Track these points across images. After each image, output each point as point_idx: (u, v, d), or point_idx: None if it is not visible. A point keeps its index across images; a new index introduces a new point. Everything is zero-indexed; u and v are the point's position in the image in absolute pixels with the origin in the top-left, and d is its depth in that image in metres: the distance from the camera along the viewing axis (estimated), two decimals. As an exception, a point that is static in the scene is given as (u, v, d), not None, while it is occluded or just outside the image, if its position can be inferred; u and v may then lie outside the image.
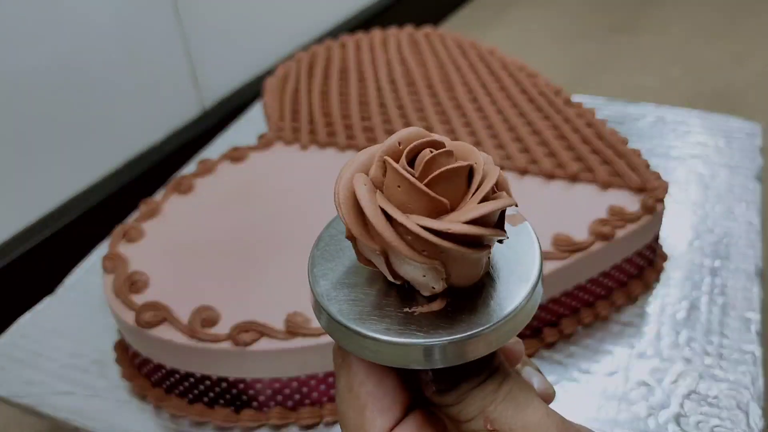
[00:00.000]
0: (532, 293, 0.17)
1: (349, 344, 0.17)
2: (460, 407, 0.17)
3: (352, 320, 0.17)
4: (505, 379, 0.17)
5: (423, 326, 0.17)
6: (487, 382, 0.17)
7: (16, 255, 0.54)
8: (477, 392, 0.17)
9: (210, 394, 0.36)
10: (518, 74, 0.56)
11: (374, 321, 0.17)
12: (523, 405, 0.17)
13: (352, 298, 0.18)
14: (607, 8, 1.09)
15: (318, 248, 0.20)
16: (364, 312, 0.17)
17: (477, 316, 0.17)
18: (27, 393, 0.39)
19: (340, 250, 0.19)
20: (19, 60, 0.52)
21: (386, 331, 0.17)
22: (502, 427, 0.16)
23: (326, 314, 0.18)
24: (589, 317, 0.40)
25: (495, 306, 0.17)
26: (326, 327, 0.18)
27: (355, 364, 0.18)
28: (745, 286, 0.42)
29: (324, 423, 0.36)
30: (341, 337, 0.17)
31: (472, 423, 0.17)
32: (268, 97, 0.58)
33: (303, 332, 0.34)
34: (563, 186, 0.43)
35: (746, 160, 0.54)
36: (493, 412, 0.17)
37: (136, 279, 0.38)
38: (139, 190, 0.59)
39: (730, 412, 0.35)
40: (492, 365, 0.18)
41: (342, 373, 0.19)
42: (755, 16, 1.01)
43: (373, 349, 0.17)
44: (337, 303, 0.18)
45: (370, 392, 0.18)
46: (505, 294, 0.17)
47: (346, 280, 0.18)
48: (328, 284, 0.18)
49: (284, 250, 0.39)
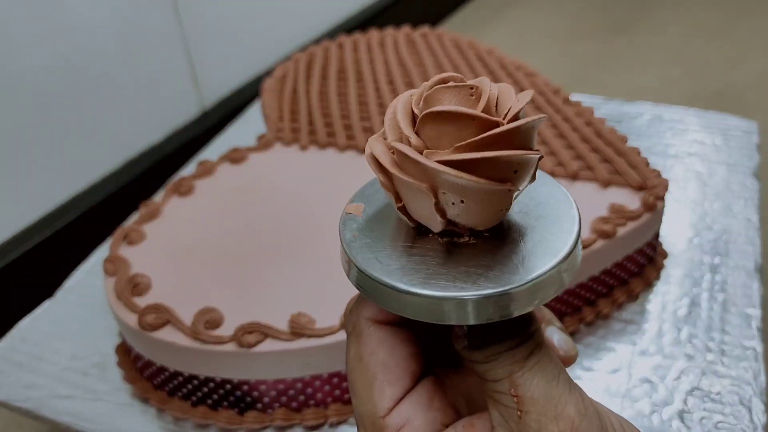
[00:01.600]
0: (573, 249, 0.17)
1: (383, 299, 0.17)
2: (488, 366, 0.17)
3: (397, 279, 0.17)
4: (536, 349, 0.17)
5: (459, 281, 0.17)
6: (519, 348, 0.17)
7: (15, 255, 0.54)
8: (507, 356, 0.17)
9: (214, 396, 0.36)
10: (517, 73, 0.56)
11: (411, 274, 0.17)
12: (550, 377, 0.17)
13: (395, 260, 0.18)
14: (607, 8, 1.10)
15: (346, 225, 0.19)
16: (407, 268, 0.17)
17: (514, 272, 0.17)
18: (27, 397, 0.39)
19: (370, 221, 0.19)
20: (19, 60, 0.52)
21: (423, 285, 0.17)
22: (525, 394, 0.17)
23: (356, 268, 0.17)
24: (591, 315, 0.40)
25: (533, 262, 0.17)
26: (370, 294, 0.18)
27: (366, 333, 0.18)
28: (745, 283, 0.42)
29: (329, 424, 0.36)
30: (373, 290, 0.17)
31: (498, 384, 0.17)
32: (267, 98, 0.57)
33: (307, 333, 0.34)
34: (564, 184, 0.42)
35: (744, 157, 0.54)
36: (520, 377, 0.17)
37: (138, 281, 0.37)
38: (138, 191, 0.59)
39: (733, 408, 0.35)
40: (527, 331, 0.17)
41: (352, 342, 0.19)
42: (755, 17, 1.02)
43: (407, 302, 0.17)
44: (381, 268, 0.17)
45: (380, 362, 0.18)
46: (544, 250, 0.17)
47: (380, 243, 0.18)
48: (365, 250, 0.18)
49: (286, 250, 0.39)
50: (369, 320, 0.19)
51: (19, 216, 0.55)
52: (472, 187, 0.16)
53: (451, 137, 0.17)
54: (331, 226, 0.41)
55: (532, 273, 0.17)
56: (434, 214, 0.17)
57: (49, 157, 0.56)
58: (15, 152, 0.53)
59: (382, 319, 0.19)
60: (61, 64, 0.55)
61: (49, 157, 0.56)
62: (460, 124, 0.17)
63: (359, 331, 0.19)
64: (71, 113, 0.57)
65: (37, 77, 0.54)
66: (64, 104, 0.56)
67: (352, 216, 0.19)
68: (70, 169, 0.59)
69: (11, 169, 0.53)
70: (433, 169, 0.16)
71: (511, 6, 1.13)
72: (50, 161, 0.56)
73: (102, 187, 0.61)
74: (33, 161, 0.55)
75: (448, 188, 0.17)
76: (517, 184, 0.17)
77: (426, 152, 0.17)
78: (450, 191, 0.17)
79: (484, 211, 0.17)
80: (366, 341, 0.18)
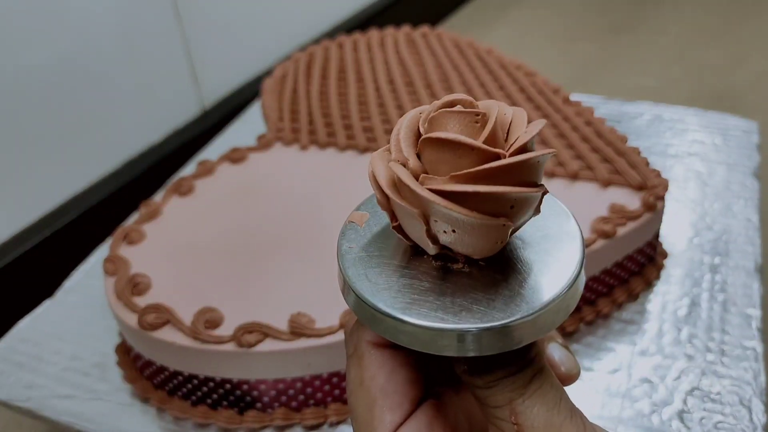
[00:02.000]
0: (575, 281, 0.17)
1: (379, 327, 0.17)
2: (488, 392, 0.17)
3: (391, 307, 0.16)
4: (537, 374, 0.17)
5: (458, 312, 0.16)
6: (520, 373, 0.17)
7: (15, 255, 0.54)
8: (507, 382, 0.17)
9: (214, 395, 0.36)
10: (516, 73, 0.56)
11: (410, 304, 0.16)
12: (551, 404, 0.17)
13: (383, 279, 0.17)
14: (607, 9, 1.09)
15: (345, 235, 0.19)
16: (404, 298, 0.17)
17: (516, 303, 0.16)
18: (28, 397, 0.39)
19: (371, 234, 0.19)
20: (18, 59, 0.52)
21: (420, 316, 0.16)
22: (526, 422, 0.16)
23: (354, 294, 0.17)
24: (591, 315, 0.40)
25: (534, 293, 0.16)
26: (354, 307, 0.17)
27: (367, 357, 0.18)
28: (745, 283, 0.42)
29: (328, 423, 0.36)
30: (370, 318, 0.17)
31: (498, 411, 0.17)
32: (267, 98, 0.57)
33: (307, 333, 0.34)
34: (564, 184, 0.43)
35: (743, 157, 0.54)
36: (520, 405, 0.16)
37: (138, 281, 0.37)
38: (138, 190, 0.59)
39: (733, 408, 0.35)
40: (527, 357, 0.17)
41: (353, 365, 0.19)
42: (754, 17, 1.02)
43: (407, 332, 0.16)
44: (370, 287, 0.17)
45: (380, 387, 0.18)
46: (545, 281, 0.17)
47: (375, 260, 0.18)
48: (358, 265, 0.18)
49: (286, 250, 0.39)
50: (369, 343, 0.19)
51: (19, 216, 0.55)
52: (463, 220, 0.16)
53: (450, 165, 0.16)
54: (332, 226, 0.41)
55: (517, 313, 0.16)
56: (426, 239, 0.17)
57: (49, 157, 0.56)
58: (15, 152, 0.53)
59: (382, 341, 0.19)
60: (61, 63, 0.55)
61: (49, 157, 0.56)
62: (459, 152, 0.16)
63: (360, 353, 0.18)
64: (71, 113, 0.57)
65: (37, 77, 0.54)
66: (64, 104, 0.56)
67: (354, 225, 0.19)
68: (70, 169, 0.59)
69: (11, 169, 0.53)
70: (424, 197, 0.16)
71: (511, 6, 1.13)
72: (50, 161, 0.56)
73: (102, 187, 0.61)
74: (33, 161, 0.55)
75: (439, 217, 0.16)
76: (515, 220, 0.16)
77: (423, 177, 0.16)
78: (441, 220, 0.16)
79: (477, 243, 0.17)
80: (367, 365, 0.18)
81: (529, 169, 0.16)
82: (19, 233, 0.55)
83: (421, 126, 0.17)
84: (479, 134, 0.16)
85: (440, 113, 0.17)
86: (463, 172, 0.16)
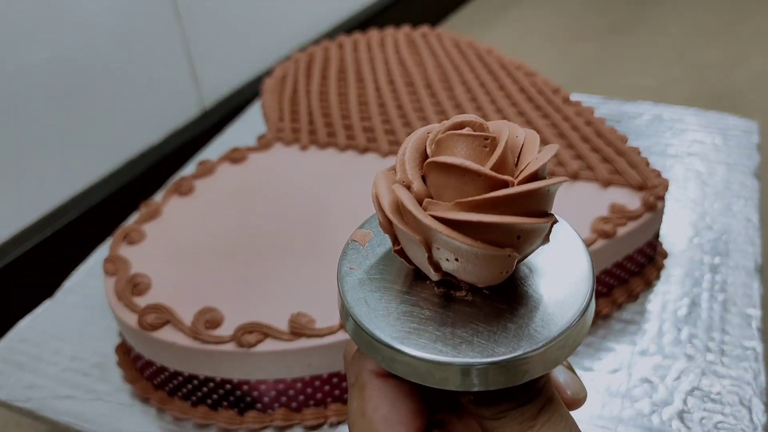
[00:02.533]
0: (583, 313, 0.16)
1: (376, 356, 0.16)
2: (497, 424, 0.16)
3: (389, 336, 0.16)
4: (546, 405, 0.16)
5: (458, 345, 0.15)
6: (529, 404, 0.16)
7: (15, 255, 0.54)
8: (516, 414, 0.16)
9: (214, 395, 0.36)
10: (516, 73, 0.56)
11: (408, 333, 0.16)
12: None
13: (383, 305, 0.16)
14: (607, 8, 1.09)
15: (347, 255, 0.18)
16: (403, 326, 0.16)
17: (519, 337, 0.15)
18: (28, 397, 0.39)
19: (373, 254, 0.18)
20: (18, 60, 0.52)
21: (418, 347, 0.15)
22: None
23: (352, 321, 0.16)
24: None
25: (540, 326, 0.16)
26: (352, 334, 0.17)
27: (369, 386, 0.18)
28: (745, 283, 0.42)
29: (328, 424, 0.36)
30: (367, 346, 0.16)
31: None
32: (267, 98, 0.57)
33: (307, 333, 0.34)
34: (564, 184, 0.43)
35: (743, 157, 0.54)
36: None
37: (138, 281, 0.37)
38: (138, 190, 0.59)
39: (733, 408, 0.35)
40: (536, 387, 0.16)
41: (355, 395, 0.18)
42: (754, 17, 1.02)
43: (404, 362, 0.15)
44: (368, 313, 0.16)
45: (383, 418, 0.17)
46: (552, 313, 0.16)
47: (375, 283, 0.17)
48: (357, 289, 0.17)
49: (286, 250, 0.39)
50: (371, 372, 0.18)
51: (19, 216, 0.55)
52: (466, 250, 0.15)
53: (455, 191, 0.15)
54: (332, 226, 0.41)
55: (519, 349, 0.15)
56: (428, 266, 0.16)
57: (49, 156, 0.56)
58: (15, 152, 0.53)
59: (384, 371, 0.18)
60: (61, 63, 0.55)
61: (49, 157, 0.56)
62: (465, 178, 0.15)
63: (362, 383, 0.18)
64: (71, 113, 0.57)
65: (37, 76, 0.54)
66: (64, 104, 0.56)
67: (356, 245, 0.18)
68: (70, 169, 0.59)
69: (11, 169, 0.53)
70: (426, 224, 0.15)
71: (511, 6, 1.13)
72: (50, 161, 0.56)
73: (102, 187, 0.61)
74: (33, 161, 0.55)
75: (441, 245, 0.15)
76: (521, 250, 0.16)
77: (426, 202, 0.16)
78: (444, 248, 0.15)
79: (481, 272, 0.16)
80: (369, 395, 0.18)
81: (538, 198, 0.15)
82: (19, 233, 0.55)
83: (428, 147, 0.17)
84: (487, 159, 0.16)
85: (448, 135, 0.16)
86: (469, 199, 0.15)
